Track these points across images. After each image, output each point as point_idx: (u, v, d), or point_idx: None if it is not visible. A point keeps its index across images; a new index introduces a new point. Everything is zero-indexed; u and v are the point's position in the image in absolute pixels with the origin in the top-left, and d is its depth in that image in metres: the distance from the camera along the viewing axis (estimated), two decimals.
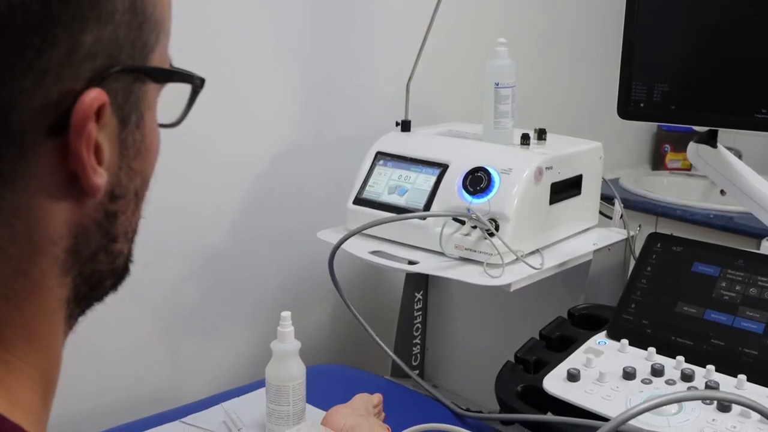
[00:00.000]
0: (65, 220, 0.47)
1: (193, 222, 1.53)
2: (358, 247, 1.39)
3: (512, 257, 1.29)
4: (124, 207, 0.51)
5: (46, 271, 0.48)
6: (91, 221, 0.49)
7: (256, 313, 1.67)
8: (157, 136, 0.54)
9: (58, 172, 0.46)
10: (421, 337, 1.73)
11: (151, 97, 0.52)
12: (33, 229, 0.46)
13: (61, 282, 0.49)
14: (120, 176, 0.50)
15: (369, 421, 1.17)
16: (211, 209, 1.56)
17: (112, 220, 0.51)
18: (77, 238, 0.49)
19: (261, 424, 1.29)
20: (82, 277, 0.50)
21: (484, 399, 1.47)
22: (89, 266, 0.50)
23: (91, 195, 0.47)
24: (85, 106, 0.44)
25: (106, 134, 0.47)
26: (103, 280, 0.53)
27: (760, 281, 1.20)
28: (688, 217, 2.23)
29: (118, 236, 0.52)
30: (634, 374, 1.17)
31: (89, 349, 1.41)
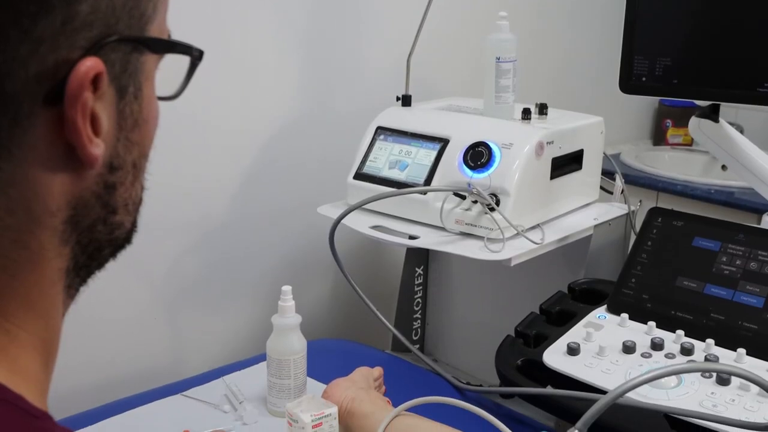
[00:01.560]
0: (64, 192, 0.47)
1: (193, 197, 1.53)
2: (358, 222, 1.39)
3: (513, 232, 1.29)
4: (122, 178, 0.51)
5: (45, 242, 0.48)
6: (91, 193, 0.49)
7: (257, 288, 1.67)
8: (155, 107, 0.54)
9: (54, 143, 0.46)
10: (421, 312, 1.74)
11: (149, 68, 0.51)
12: (31, 200, 0.46)
13: (60, 252, 0.49)
14: (118, 147, 0.50)
15: (369, 394, 1.18)
16: (211, 184, 1.56)
17: (111, 191, 0.51)
18: (76, 210, 0.49)
19: (262, 397, 1.30)
20: (80, 247, 0.50)
21: (485, 373, 1.48)
22: (87, 236, 0.51)
23: (89, 166, 0.47)
24: (81, 74, 0.44)
25: (104, 105, 0.47)
26: (101, 249, 0.53)
27: (761, 256, 1.20)
28: (689, 193, 2.23)
29: (117, 208, 0.52)
30: (634, 348, 1.17)
31: (90, 324, 1.42)
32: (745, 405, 1.04)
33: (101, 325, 1.44)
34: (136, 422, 1.23)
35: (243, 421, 1.24)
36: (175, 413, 1.26)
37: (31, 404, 0.45)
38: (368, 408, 1.13)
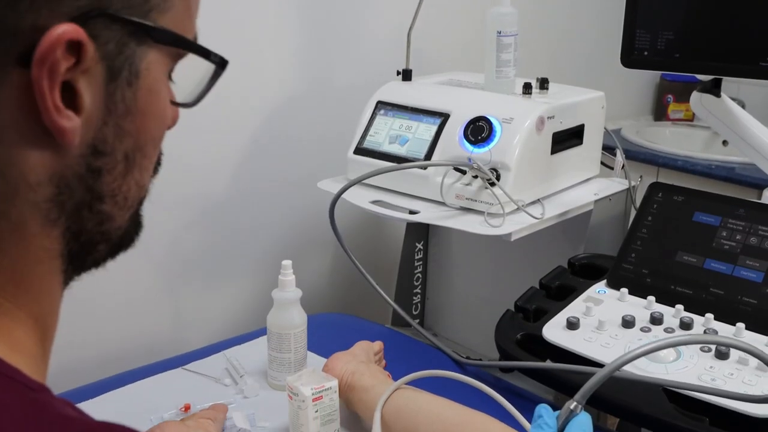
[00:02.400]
0: (44, 166, 0.47)
1: (193, 172, 1.53)
2: (358, 196, 1.39)
3: (513, 207, 1.29)
4: (109, 166, 0.50)
5: (27, 216, 0.47)
6: (73, 174, 0.49)
7: (257, 263, 1.67)
8: (163, 105, 0.53)
9: (26, 109, 0.45)
10: (421, 287, 1.74)
11: (155, 59, 0.51)
12: (6, 165, 0.46)
13: (48, 232, 0.49)
14: (105, 132, 0.49)
15: (370, 367, 1.18)
16: (210, 159, 1.56)
17: (96, 176, 0.50)
18: (59, 188, 0.48)
19: (263, 371, 1.30)
20: (71, 233, 0.50)
21: (484, 348, 1.48)
22: (76, 222, 0.50)
23: (61, 139, 0.46)
24: (53, 37, 0.44)
25: (89, 81, 0.47)
26: (95, 242, 0.52)
27: (761, 230, 1.20)
28: (689, 168, 2.23)
29: (103, 196, 0.51)
30: (633, 322, 1.18)
31: (91, 299, 1.42)
32: (743, 378, 1.04)
33: (102, 300, 1.44)
34: (137, 396, 1.24)
35: (244, 394, 1.24)
36: (176, 387, 1.27)
37: (29, 377, 0.45)
38: (368, 381, 1.14)
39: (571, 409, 0.77)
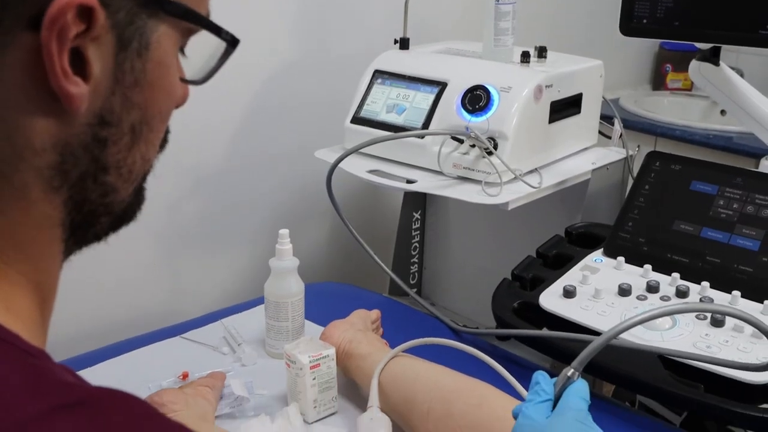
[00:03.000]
0: (49, 133, 0.47)
1: (189, 141, 1.52)
2: (356, 166, 1.38)
3: (510, 176, 1.29)
4: (115, 137, 0.50)
5: (30, 181, 0.47)
6: (78, 142, 0.49)
7: (255, 232, 1.67)
8: (171, 80, 0.53)
9: (35, 75, 0.45)
10: (418, 256, 1.74)
11: (166, 32, 0.51)
12: (12, 129, 0.46)
13: (51, 200, 0.49)
14: (113, 102, 0.49)
15: (367, 335, 1.19)
16: (206, 128, 1.55)
17: (101, 146, 0.50)
18: (63, 156, 0.48)
19: (260, 339, 1.31)
20: (74, 203, 0.50)
21: (481, 317, 1.49)
22: (79, 192, 0.50)
23: (67, 105, 0.46)
24: (63, 0, 0.43)
25: (99, 49, 0.47)
26: (97, 214, 0.52)
27: (758, 199, 1.20)
28: (687, 138, 2.22)
29: (108, 167, 0.51)
30: (630, 291, 1.18)
31: (88, 269, 1.42)
32: (738, 346, 1.05)
33: (99, 270, 1.44)
34: (135, 364, 1.24)
35: (242, 362, 1.25)
36: (174, 355, 1.27)
37: (28, 342, 0.45)
38: (366, 349, 1.14)
39: (568, 376, 0.77)
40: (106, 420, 0.42)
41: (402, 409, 1.04)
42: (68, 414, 0.41)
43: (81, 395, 0.43)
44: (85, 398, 0.43)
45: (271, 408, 1.13)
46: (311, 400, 1.10)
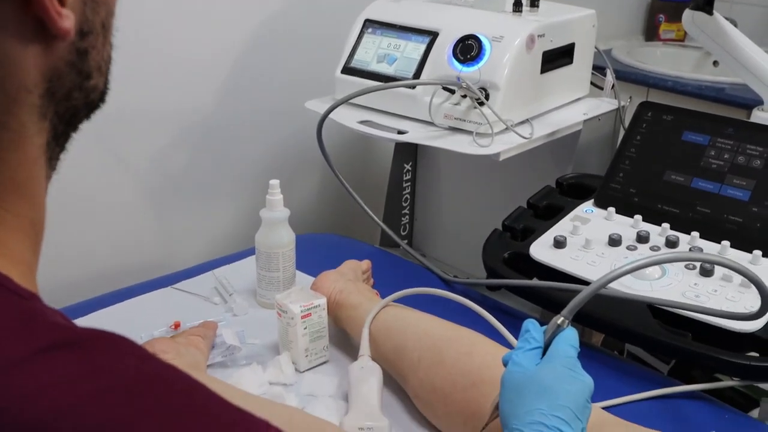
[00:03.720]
0: (37, 65, 0.47)
1: (178, 90, 1.51)
2: (346, 116, 1.37)
3: (502, 126, 1.28)
4: (93, 42, 0.51)
5: (26, 120, 0.47)
6: (64, 63, 0.48)
7: (245, 183, 1.67)
8: None
9: (24, 21, 0.45)
10: (409, 208, 1.74)
11: None
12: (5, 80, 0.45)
13: (41, 128, 0.49)
14: (86, 12, 0.49)
15: (358, 285, 1.19)
16: (198, 77, 1.53)
17: (84, 57, 0.50)
18: (51, 82, 0.48)
19: (251, 290, 1.31)
20: (58, 117, 0.50)
21: (472, 268, 1.49)
22: (63, 105, 0.50)
23: (62, 38, 0.47)
24: None
25: None
26: (77, 114, 0.52)
27: (749, 149, 1.20)
28: (679, 89, 2.21)
29: (91, 72, 0.51)
30: (620, 241, 1.19)
31: (78, 220, 1.42)
32: (726, 295, 1.06)
33: (89, 220, 1.44)
34: (126, 314, 1.24)
35: (233, 312, 1.26)
36: (165, 305, 1.27)
37: (19, 285, 0.45)
38: (356, 299, 1.15)
39: (558, 324, 0.78)
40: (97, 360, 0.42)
41: (392, 358, 1.05)
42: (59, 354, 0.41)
43: (71, 336, 0.43)
44: (75, 339, 0.43)
45: (263, 357, 1.14)
46: (302, 349, 1.11)
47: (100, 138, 1.34)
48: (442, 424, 0.99)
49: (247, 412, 0.44)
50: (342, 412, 1.02)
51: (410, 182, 1.72)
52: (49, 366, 0.41)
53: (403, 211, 1.74)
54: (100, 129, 0.58)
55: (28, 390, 0.40)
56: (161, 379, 0.44)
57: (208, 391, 0.45)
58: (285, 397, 1.05)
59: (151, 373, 0.44)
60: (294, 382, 1.09)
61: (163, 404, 0.42)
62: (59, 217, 1.38)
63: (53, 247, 1.40)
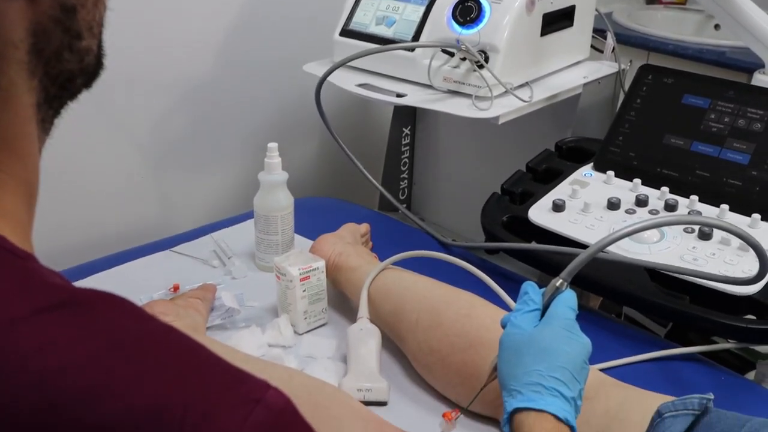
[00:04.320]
0: (21, 20, 0.46)
1: (177, 55, 1.50)
2: (345, 79, 1.36)
3: (501, 90, 1.27)
4: (82, 0, 0.50)
5: (14, 77, 0.47)
6: (48, 18, 0.48)
7: (244, 146, 1.66)
8: None
9: None
10: (408, 172, 1.74)
11: None
12: None
13: (30, 86, 0.48)
14: None
15: (356, 248, 1.19)
16: (195, 41, 1.52)
17: (71, 15, 0.49)
18: (36, 37, 0.47)
19: (250, 253, 1.31)
20: (50, 78, 0.49)
21: (471, 232, 1.49)
22: (55, 66, 0.49)
23: None
24: None
25: None
26: (73, 78, 0.52)
27: (750, 113, 1.19)
28: (680, 52, 2.20)
29: (81, 32, 0.50)
30: (619, 204, 1.19)
31: (77, 184, 1.42)
32: (725, 259, 1.06)
33: (89, 184, 1.44)
34: (126, 277, 1.25)
35: (232, 275, 1.26)
36: (164, 268, 1.28)
37: (15, 244, 0.45)
38: (355, 262, 1.15)
39: (557, 286, 0.78)
40: (97, 321, 0.42)
41: (391, 320, 1.05)
42: (56, 314, 0.41)
43: (69, 296, 0.43)
44: (73, 299, 0.43)
45: (262, 319, 1.15)
46: (301, 311, 1.11)
47: (98, 103, 1.33)
48: (440, 386, 1.00)
49: (246, 372, 0.44)
50: (341, 373, 1.03)
51: (409, 146, 1.71)
52: (49, 326, 0.41)
53: (402, 175, 1.73)
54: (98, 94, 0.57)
55: (28, 350, 0.40)
56: (161, 339, 0.44)
57: (207, 352, 0.45)
58: (284, 358, 1.05)
59: (150, 334, 0.44)
60: (293, 344, 1.10)
61: (163, 364, 0.42)
62: (58, 181, 1.38)
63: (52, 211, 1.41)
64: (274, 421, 0.42)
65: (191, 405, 0.41)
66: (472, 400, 0.85)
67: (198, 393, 0.42)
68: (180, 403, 0.41)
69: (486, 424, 0.95)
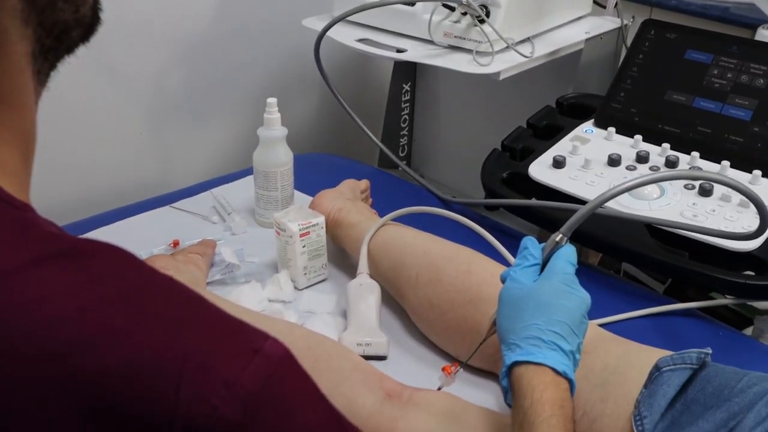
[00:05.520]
0: None
1: (175, 10, 1.48)
2: (344, 35, 1.35)
3: (502, 45, 1.26)
4: None
5: (8, 25, 0.46)
6: None
7: (243, 102, 1.65)
8: None
9: None
10: (408, 129, 1.73)
11: None
12: None
13: (23, 35, 0.47)
14: None
15: (356, 204, 1.19)
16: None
17: None
18: None
19: (250, 209, 1.31)
20: (44, 28, 0.49)
21: (471, 189, 1.49)
22: (50, 15, 0.48)
23: None
24: None
25: None
26: (68, 30, 0.51)
27: (753, 68, 1.18)
28: (683, 8, 2.16)
29: None
30: (619, 161, 1.18)
31: (76, 141, 1.41)
32: (725, 215, 1.06)
33: (88, 141, 1.43)
34: (125, 232, 1.24)
35: (232, 231, 1.26)
36: (164, 224, 1.28)
37: (12, 195, 0.45)
38: (355, 218, 1.15)
39: (557, 241, 0.78)
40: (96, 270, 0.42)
41: (391, 275, 1.05)
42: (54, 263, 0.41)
43: (68, 246, 0.43)
44: (72, 249, 0.43)
45: (262, 275, 1.15)
46: (301, 267, 1.11)
47: (96, 58, 1.32)
48: (440, 341, 1.00)
49: (245, 322, 0.45)
50: (341, 328, 1.04)
51: (409, 103, 1.70)
52: (48, 275, 0.41)
53: (402, 132, 1.72)
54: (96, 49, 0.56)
55: (28, 298, 0.40)
56: (160, 289, 0.44)
57: (206, 302, 0.45)
58: (284, 313, 1.06)
59: (150, 284, 0.44)
60: (293, 299, 1.10)
61: (162, 314, 0.42)
62: (57, 136, 1.37)
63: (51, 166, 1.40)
64: (273, 370, 0.42)
65: (190, 354, 0.41)
66: (472, 355, 0.86)
67: (197, 343, 0.42)
68: (179, 353, 0.41)
69: (485, 378, 0.96)
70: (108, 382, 0.39)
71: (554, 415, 0.66)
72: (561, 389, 0.69)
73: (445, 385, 0.89)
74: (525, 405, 0.68)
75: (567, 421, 0.67)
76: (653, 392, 0.79)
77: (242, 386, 0.41)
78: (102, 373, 0.39)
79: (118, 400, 0.40)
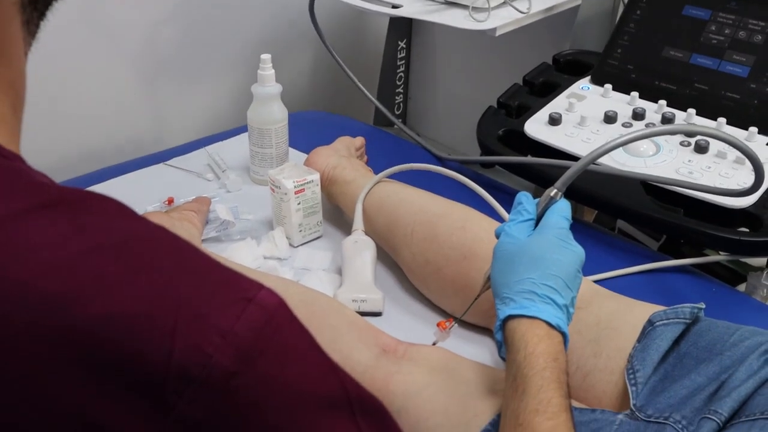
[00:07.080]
0: None
1: None
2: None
3: (499, 1, 1.25)
4: None
5: None
6: None
7: (237, 59, 1.63)
8: None
9: None
10: (404, 87, 1.72)
11: None
12: None
13: None
14: None
15: (351, 161, 1.19)
16: None
17: None
18: None
19: (245, 167, 1.31)
20: None
21: (467, 147, 1.49)
22: None
23: None
24: None
25: None
26: None
27: (751, 24, 1.17)
28: None
29: None
30: (615, 118, 1.18)
31: (69, 97, 1.40)
32: (720, 172, 1.06)
33: (81, 98, 1.42)
34: (119, 190, 1.24)
35: (226, 188, 1.25)
36: (158, 181, 1.27)
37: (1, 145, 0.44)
38: (350, 175, 1.14)
39: (551, 196, 0.78)
40: (86, 219, 0.42)
41: (386, 232, 1.05)
42: (45, 213, 0.41)
43: (57, 195, 0.42)
44: (62, 198, 0.42)
45: (257, 232, 1.15)
46: (296, 224, 1.11)
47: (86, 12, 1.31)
48: (435, 297, 1.01)
49: (238, 272, 0.44)
50: (336, 285, 1.04)
51: (404, 60, 1.69)
52: (37, 224, 0.40)
53: (398, 90, 1.71)
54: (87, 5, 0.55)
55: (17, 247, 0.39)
56: (151, 238, 0.43)
57: (199, 252, 0.44)
58: (279, 270, 1.06)
59: (140, 233, 0.43)
60: (288, 256, 1.10)
61: (153, 263, 0.42)
62: (50, 94, 1.36)
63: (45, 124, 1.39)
64: (267, 320, 0.42)
65: (183, 305, 0.41)
66: (466, 310, 0.86)
67: (190, 292, 0.41)
68: (172, 302, 0.40)
69: (480, 334, 0.97)
70: (101, 334, 0.39)
71: (548, 367, 0.67)
72: (555, 342, 0.69)
73: (440, 340, 0.90)
74: (519, 358, 0.68)
75: (561, 373, 0.67)
76: (646, 346, 0.79)
77: (236, 335, 0.41)
78: (93, 326, 0.39)
79: (112, 350, 0.39)
